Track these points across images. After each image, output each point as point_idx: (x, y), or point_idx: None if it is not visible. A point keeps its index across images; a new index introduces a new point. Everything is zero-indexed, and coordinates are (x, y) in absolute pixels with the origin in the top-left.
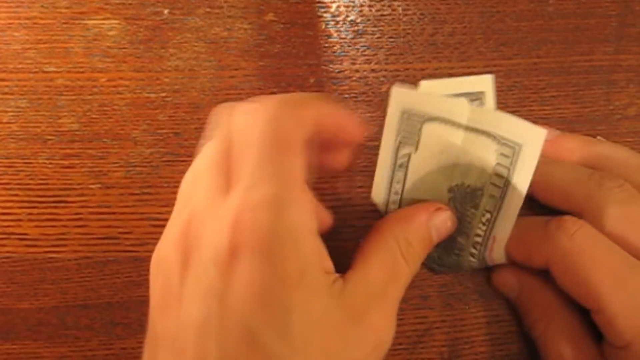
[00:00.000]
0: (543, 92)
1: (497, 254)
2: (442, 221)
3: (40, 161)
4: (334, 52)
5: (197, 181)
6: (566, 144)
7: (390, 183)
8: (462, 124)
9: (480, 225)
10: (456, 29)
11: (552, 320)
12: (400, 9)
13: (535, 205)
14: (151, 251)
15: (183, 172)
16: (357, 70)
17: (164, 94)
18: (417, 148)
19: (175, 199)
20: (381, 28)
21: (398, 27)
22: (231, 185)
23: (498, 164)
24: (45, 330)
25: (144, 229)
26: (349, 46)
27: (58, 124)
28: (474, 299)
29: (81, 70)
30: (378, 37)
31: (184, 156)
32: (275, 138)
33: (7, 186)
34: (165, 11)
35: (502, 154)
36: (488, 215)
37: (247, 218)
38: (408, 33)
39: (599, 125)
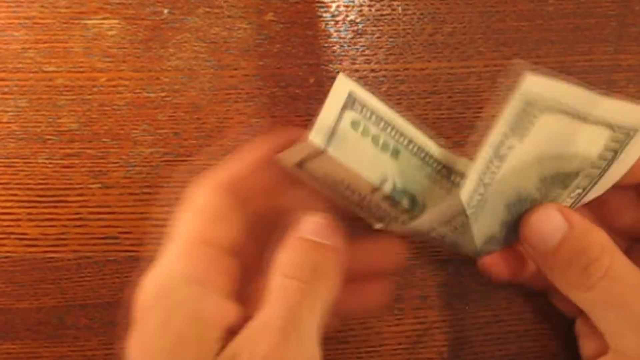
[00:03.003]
0: None
1: None
2: (311, 226)
3: (40, 161)
4: (334, 52)
5: None
6: None
7: (484, 174)
8: (583, 115)
9: (567, 199)
10: (456, 28)
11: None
12: (399, 8)
13: None
14: (151, 251)
15: (183, 172)
16: (356, 70)
17: (163, 94)
18: (523, 138)
19: (175, 198)
20: (381, 28)
21: (398, 27)
22: None
23: (606, 149)
24: (44, 330)
25: (143, 229)
26: (348, 46)
27: (58, 123)
28: (473, 299)
29: (81, 70)
30: (378, 37)
31: (184, 156)
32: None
33: (7, 186)
34: (165, 11)
35: (613, 140)
36: (579, 191)
37: None
38: (408, 33)
39: None
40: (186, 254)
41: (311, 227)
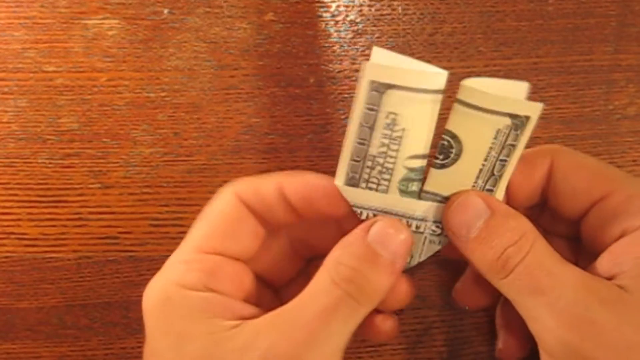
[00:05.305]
0: (543, 92)
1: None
2: (381, 230)
3: (39, 161)
4: (334, 52)
5: None
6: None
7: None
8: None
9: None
10: (456, 28)
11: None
12: (399, 8)
13: None
14: (150, 251)
15: (182, 172)
16: (356, 70)
17: (163, 94)
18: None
19: (174, 198)
20: (381, 28)
21: (398, 27)
22: None
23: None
24: (44, 330)
25: (143, 229)
26: (348, 46)
27: (58, 123)
28: None
29: (81, 70)
30: (378, 37)
31: (184, 156)
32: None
33: (7, 186)
34: (165, 11)
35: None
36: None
37: None
38: (408, 33)
39: (598, 125)
40: (190, 261)
41: (380, 235)
